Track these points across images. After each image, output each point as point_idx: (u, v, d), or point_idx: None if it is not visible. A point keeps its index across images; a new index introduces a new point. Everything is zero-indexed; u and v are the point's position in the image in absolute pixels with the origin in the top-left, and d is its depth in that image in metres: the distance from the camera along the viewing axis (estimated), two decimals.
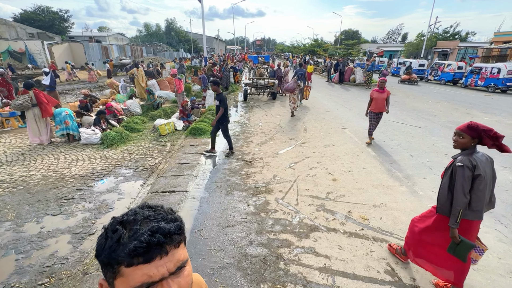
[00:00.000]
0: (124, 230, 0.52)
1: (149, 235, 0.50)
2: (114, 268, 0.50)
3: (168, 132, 7.26)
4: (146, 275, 0.49)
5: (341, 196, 4.10)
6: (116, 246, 0.50)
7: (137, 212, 0.56)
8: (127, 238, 0.50)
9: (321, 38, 51.90)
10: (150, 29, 53.85)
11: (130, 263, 0.49)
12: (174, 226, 0.54)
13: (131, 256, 0.48)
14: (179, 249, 0.54)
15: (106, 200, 4.04)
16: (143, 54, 35.10)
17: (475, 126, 2.11)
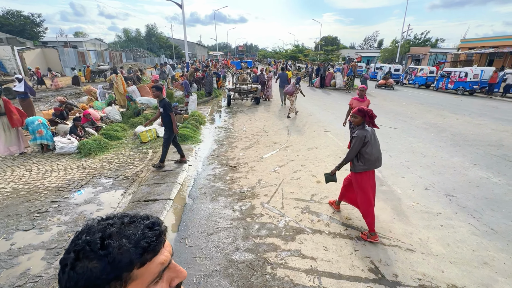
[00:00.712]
0: (111, 241, 0.50)
1: (152, 231, 0.55)
2: (122, 278, 0.49)
3: (149, 139, 7.07)
4: (159, 264, 0.53)
5: (325, 198, 4.17)
6: (119, 256, 0.49)
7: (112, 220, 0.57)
8: (126, 244, 0.50)
9: (302, 44, 53.23)
10: (130, 35, 52.70)
11: (143, 262, 0.51)
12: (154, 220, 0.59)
13: (144, 253, 0.51)
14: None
15: (84, 212, 3.85)
16: (123, 60, 34.22)
17: (362, 109, 3.08)
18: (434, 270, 2.73)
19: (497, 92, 15.00)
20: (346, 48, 59.01)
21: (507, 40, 25.08)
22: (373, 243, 3.11)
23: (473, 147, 6.37)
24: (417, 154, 5.98)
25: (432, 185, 4.53)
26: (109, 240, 0.50)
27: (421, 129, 8.01)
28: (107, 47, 44.11)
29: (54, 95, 13.47)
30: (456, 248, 3.05)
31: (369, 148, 3.04)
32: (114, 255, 0.49)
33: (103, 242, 0.50)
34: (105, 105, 9.75)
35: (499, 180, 4.70)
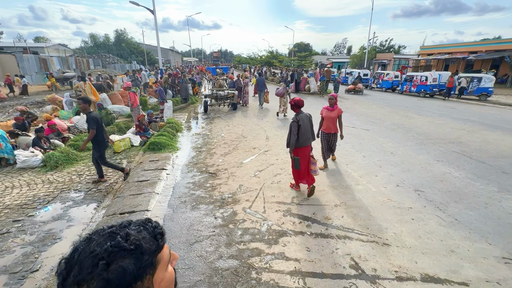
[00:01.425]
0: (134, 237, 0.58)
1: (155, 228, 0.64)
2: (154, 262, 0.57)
3: (123, 148, 6.78)
4: (167, 247, 0.64)
5: (305, 200, 4.27)
6: (147, 245, 0.57)
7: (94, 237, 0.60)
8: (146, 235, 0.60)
9: (276, 50, 54.39)
10: (98, 40, 50.33)
11: (161, 247, 0.61)
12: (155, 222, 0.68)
13: (160, 240, 0.61)
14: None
15: (52, 230, 3.57)
16: (91, 66, 32.50)
17: (294, 100, 4.31)
18: (409, 262, 2.90)
19: (454, 94, 16.46)
20: (318, 54, 61.39)
21: (459, 47, 27.79)
22: (351, 239, 3.24)
23: (436, 145, 6.91)
24: (387, 153, 6.36)
25: (402, 182, 4.83)
26: (131, 237, 0.57)
27: (390, 130, 8.53)
28: (72, 53, 41.63)
29: (13, 104, 12.41)
30: (426, 239, 3.27)
31: (302, 130, 4.15)
32: (143, 246, 0.56)
33: (126, 240, 0.55)
34: (73, 114, 9.19)
35: (460, 174, 5.15)
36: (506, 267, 2.81)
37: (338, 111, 5.19)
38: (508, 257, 2.96)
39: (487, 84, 15.04)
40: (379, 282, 2.64)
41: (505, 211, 3.86)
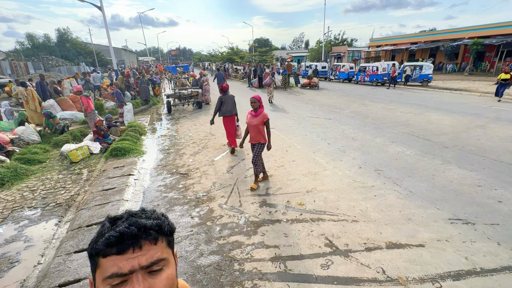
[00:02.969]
0: (109, 225, 0.54)
1: (124, 227, 0.52)
2: (95, 259, 0.52)
3: (82, 157, 6.26)
4: (116, 265, 0.49)
5: (279, 189, 4.43)
6: (99, 238, 0.53)
7: (128, 211, 0.58)
8: (108, 231, 0.53)
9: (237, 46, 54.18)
10: (36, 41, 44.90)
11: (105, 254, 0.50)
12: (153, 222, 0.55)
13: (105, 245, 0.50)
14: (157, 247, 0.54)
15: (7, 253, 3.21)
16: (30, 70, 28.94)
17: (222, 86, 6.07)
18: (375, 233, 3.22)
19: (401, 81, 18.17)
20: (278, 49, 62.64)
21: (402, 39, 30.64)
22: (324, 221, 3.48)
23: (389, 128, 7.63)
24: (349, 139, 6.84)
25: (364, 164, 5.27)
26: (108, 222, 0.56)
27: (349, 118, 9.16)
28: (4, 56, 36.58)
29: None
30: (388, 212, 3.65)
31: (224, 105, 5.97)
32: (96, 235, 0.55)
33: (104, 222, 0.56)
34: (15, 125, 8.17)
35: (411, 152, 5.77)
36: (452, 226, 3.28)
37: (262, 117, 4.11)
38: (452, 218, 3.44)
39: (427, 71, 16.89)
40: (351, 254, 2.89)
41: (448, 180, 4.46)
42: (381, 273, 2.63)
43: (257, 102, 4.19)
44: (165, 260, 0.54)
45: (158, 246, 0.54)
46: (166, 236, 0.57)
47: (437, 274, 2.58)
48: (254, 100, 4.18)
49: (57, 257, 3.03)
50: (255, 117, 4.20)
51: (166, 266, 0.54)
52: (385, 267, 2.70)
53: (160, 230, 0.55)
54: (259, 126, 4.20)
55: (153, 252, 0.53)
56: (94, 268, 0.52)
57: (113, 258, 0.50)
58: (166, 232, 0.57)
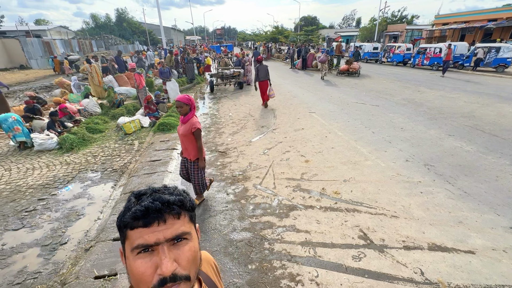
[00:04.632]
0: (135, 200, 0.58)
1: (149, 202, 0.55)
2: (123, 231, 0.57)
3: (134, 130, 6.90)
4: (142, 237, 0.53)
5: (315, 176, 4.34)
6: (126, 212, 0.57)
7: (151, 187, 0.62)
8: (134, 205, 0.57)
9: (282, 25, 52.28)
10: (99, 21, 49.21)
11: (132, 226, 0.54)
12: (176, 198, 0.58)
13: (132, 218, 0.54)
14: (180, 221, 0.57)
15: (75, 207, 3.79)
16: (94, 48, 32.14)
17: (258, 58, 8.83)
18: (416, 232, 2.99)
19: (468, 66, 15.72)
20: (325, 28, 58.72)
21: (477, 15, 25.99)
22: (360, 213, 3.34)
23: (448, 120, 6.77)
24: (397, 129, 6.28)
25: (412, 157, 4.82)
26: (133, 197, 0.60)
27: (400, 105, 8.34)
28: (74, 35, 41.04)
29: (22, 89, 12.57)
30: (434, 211, 3.34)
31: (259, 73, 8.22)
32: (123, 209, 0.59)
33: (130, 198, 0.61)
34: (82, 98, 9.29)
35: (471, 148, 5.09)
36: None
37: (190, 125, 3.12)
38: None
39: (506, 54, 14.24)
40: (387, 250, 2.75)
41: None
42: (419, 274, 2.47)
43: (185, 105, 3.05)
44: (188, 234, 0.58)
45: (181, 221, 0.58)
46: (188, 212, 0.61)
47: (486, 286, 2.33)
48: (180, 104, 3.05)
49: (112, 215, 3.49)
50: (183, 125, 3.19)
51: (189, 239, 0.58)
52: (424, 268, 2.52)
53: (182, 206, 0.59)
54: (187, 136, 3.18)
55: (177, 226, 0.56)
56: (123, 239, 0.57)
57: (140, 230, 0.54)
58: (188, 207, 0.61)
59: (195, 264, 0.59)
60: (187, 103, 3.05)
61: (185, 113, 3.12)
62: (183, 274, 0.54)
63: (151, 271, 0.53)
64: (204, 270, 0.78)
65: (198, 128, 3.10)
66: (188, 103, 3.06)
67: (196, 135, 3.14)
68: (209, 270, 0.81)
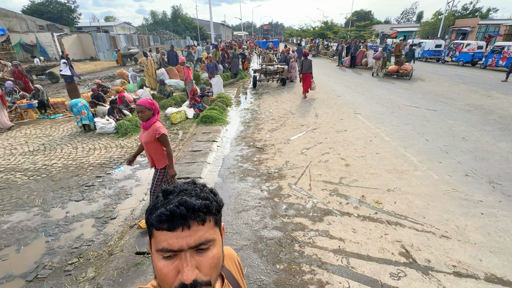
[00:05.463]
0: (162, 198, 0.58)
1: (174, 206, 0.54)
2: (150, 229, 0.57)
3: (179, 120, 7.34)
4: (166, 241, 0.53)
5: (354, 181, 4.09)
6: (153, 209, 0.57)
7: (179, 185, 0.62)
8: (160, 204, 0.56)
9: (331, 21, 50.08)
10: (157, 17, 53.35)
11: (157, 227, 0.55)
12: (201, 203, 0.56)
13: (157, 221, 0.54)
14: (205, 227, 0.56)
15: (125, 187, 4.20)
16: (151, 43, 35.02)
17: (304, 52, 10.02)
18: (471, 258, 2.62)
19: None
20: (380, 23, 54.47)
21: None
22: (404, 227, 3.05)
23: None
24: (457, 138, 5.55)
25: (473, 172, 4.22)
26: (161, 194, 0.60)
27: (463, 111, 7.35)
28: (135, 30, 45.24)
29: (91, 78, 14.33)
30: (497, 237, 2.87)
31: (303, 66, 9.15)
32: (150, 206, 0.59)
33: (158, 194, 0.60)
34: (137, 88, 10.20)
35: None
36: None
37: (153, 131, 2.79)
38: None
39: None
40: (433, 274, 2.46)
41: None
42: None
43: (147, 110, 2.73)
44: (211, 241, 0.57)
45: (206, 227, 0.56)
46: (213, 216, 0.59)
47: None
48: (141, 109, 2.72)
49: None
50: (145, 131, 2.86)
51: (212, 245, 0.57)
52: None
53: (208, 212, 0.57)
54: (150, 143, 2.85)
55: (201, 233, 0.55)
56: (150, 234, 0.58)
57: (164, 233, 0.54)
58: (214, 212, 0.59)
59: (217, 269, 0.59)
60: (149, 107, 2.73)
61: (147, 118, 2.78)
62: (203, 280, 0.54)
63: (173, 274, 0.54)
64: (227, 266, 0.77)
65: (162, 133, 2.77)
66: (151, 108, 2.76)
67: (162, 140, 2.83)
68: (232, 266, 0.80)
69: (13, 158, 5.23)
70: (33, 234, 3.19)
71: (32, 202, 3.79)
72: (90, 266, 2.71)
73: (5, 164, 5.02)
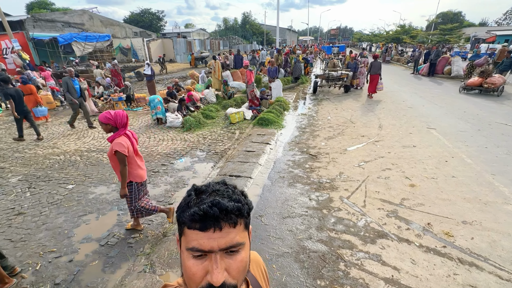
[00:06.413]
0: (194, 197, 0.59)
1: (208, 206, 0.54)
2: (181, 226, 0.58)
3: (237, 120, 7.69)
4: (197, 241, 0.54)
5: (420, 205, 3.58)
6: (185, 208, 0.58)
7: (211, 184, 0.63)
8: (193, 203, 0.57)
9: (410, 23, 45.17)
10: (228, 23, 57.29)
11: (189, 226, 0.55)
12: (234, 205, 0.56)
13: (190, 220, 0.55)
14: (236, 230, 0.56)
15: (183, 177, 4.62)
16: (221, 47, 37.77)
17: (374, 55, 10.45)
18: None
19: None
20: (473, 26, 46.52)
21: None
22: (482, 270, 2.50)
23: None
24: None
25: None
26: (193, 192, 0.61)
27: None
28: (208, 36, 49.53)
29: (168, 78, 16.27)
30: None
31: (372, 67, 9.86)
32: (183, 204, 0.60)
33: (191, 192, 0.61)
34: (204, 88, 11.12)
35: None
36: None
37: (111, 146, 2.71)
38: None
39: None
40: None
41: None
42: None
43: (103, 124, 2.72)
44: (241, 244, 0.57)
45: (237, 229, 0.56)
46: (244, 218, 0.59)
47: None
48: (100, 123, 2.73)
49: None
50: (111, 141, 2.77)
51: (242, 249, 0.57)
52: None
53: (239, 214, 0.57)
54: (110, 157, 2.78)
55: (232, 236, 0.55)
56: (180, 232, 0.59)
57: (196, 232, 0.54)
58: (245, 215, 0.59)
59: (244, 273, 0.58)
60: (105, 122, 2.70)
61: (109, 132, 2.80)
62: (231, 283, 0.54)
63: (201, 274, 0.54)
64: (252, 271, 0.76)
65: (115, 150, 2.65)
66: (107, 122, 2.70)
67: (119, 158, 2.69)
68: (257, 272, 0.78)
69: (103, 141, 6.32)
70: (109, 206, 3.79)
71: (111, 180, 4.51)
72: (147, 242, 3.06)
73: (98, 145, 6.11)
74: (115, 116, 2.70)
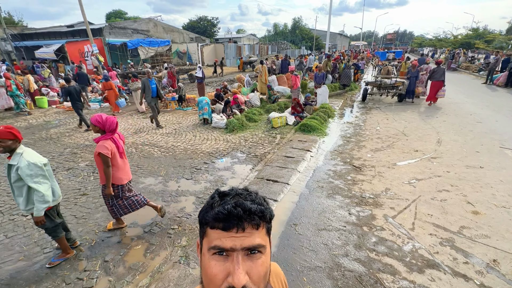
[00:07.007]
0: (218, 199, 0.61)
1: (232, 206, 0.56)
2: (204, 227, 0.59)
3: (279, 125, 7.67)
4: (220, 240, 0.54)
5: (484, 237, 3.06)
6: (208, 209, 0.59)
7: (234, 189, 0.64)
8: (217, 205, 0.58)
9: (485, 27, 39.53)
10: (278, 29, 57.90)
11: (212, 226, 0.56)
12: (257, 208, 0.57)
13: (213, 219, 0.56)
14: (258, 232, 0.56)
15: (222, 176, 4.77)
16: (269, 52, 38.33)
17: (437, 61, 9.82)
18: None
19: None
20: None
21: None
22: None
23: None
24: None
25: None
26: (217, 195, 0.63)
27: None
28: (258, 41, 50.74)
29: (217, 81, 17.12)
30: None
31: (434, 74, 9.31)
32: (206, 206, 0.61)
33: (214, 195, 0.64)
34: (249, 91, 11.38)
35: None
36: None
37: (96, 147, 2.85)
38: None
39: None
40: None
41: None
42: None
43: (94, 126, 2.88)
44: (263, 247, 0.56)
45: (259, 232, 0.56)
46: (266, 223, 0.59)
47: None
48: (90, 123, 2.94)
49: None
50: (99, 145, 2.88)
51: (263, 252, 0.56)
52: None
53: (262, 217, 0.57)
54: (95, 158, 2.91)
55: (254, 237, 0.55)
56: (202, 234, 0.60)
57: (219, 232, 0.55)
58: (268, 219, 0.59)
59: (265, 280, 0.57)
60: (94, 124, 2.87)
61: (96, 132, 2.97)
62: None
63: (222, 276, 0.54)
64: (272, 283, 0.73)
65: (100, 152, 2.79)
66: (96, 125, 2.87)
67: (102, 159, 2.83)
68: (277, 284, 0.76)
69: (155, 136, 6.94)
70: (155, 196, 4.12)
71: (159, 172, 4.91)
72: (185, 235, 3.23)
73: (151, 139, 6.73)
74: (105, 121, 2.86)
